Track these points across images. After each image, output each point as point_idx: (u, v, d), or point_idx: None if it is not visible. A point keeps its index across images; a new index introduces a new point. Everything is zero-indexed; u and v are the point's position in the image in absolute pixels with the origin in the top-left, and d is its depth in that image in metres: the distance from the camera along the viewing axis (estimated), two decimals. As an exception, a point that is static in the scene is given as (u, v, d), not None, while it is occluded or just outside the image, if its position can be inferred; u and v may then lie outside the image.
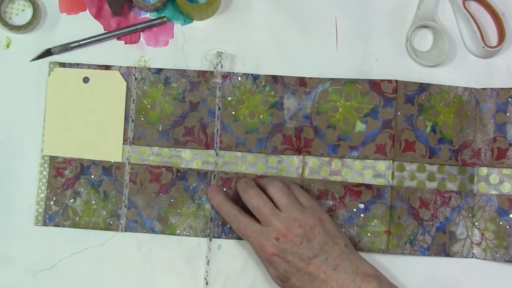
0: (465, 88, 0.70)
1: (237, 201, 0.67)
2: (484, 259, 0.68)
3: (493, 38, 0.71)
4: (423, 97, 0.70)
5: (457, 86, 0.70)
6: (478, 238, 0.68)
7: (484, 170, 0.69)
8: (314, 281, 0.61)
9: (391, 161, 0.69)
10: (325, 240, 0.62)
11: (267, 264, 0.63)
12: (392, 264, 0.68)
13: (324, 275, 0.60)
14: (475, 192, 0.69)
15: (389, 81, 0.70)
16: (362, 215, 0.69)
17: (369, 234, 0.68)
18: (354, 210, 0.69)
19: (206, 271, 0.68)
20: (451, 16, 0.72)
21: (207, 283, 0.68)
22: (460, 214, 0.69)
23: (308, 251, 0.61)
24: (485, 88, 0.70)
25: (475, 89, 0.70)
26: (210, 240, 0.69)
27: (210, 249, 0.69)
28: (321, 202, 0.69)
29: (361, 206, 0.69)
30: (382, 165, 0.69)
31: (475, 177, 0.69)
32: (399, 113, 0.69)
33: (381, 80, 0.70)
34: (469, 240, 0.68)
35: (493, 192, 0.69)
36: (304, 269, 0.61)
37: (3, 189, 0.69)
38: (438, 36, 0.71)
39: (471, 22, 0.70)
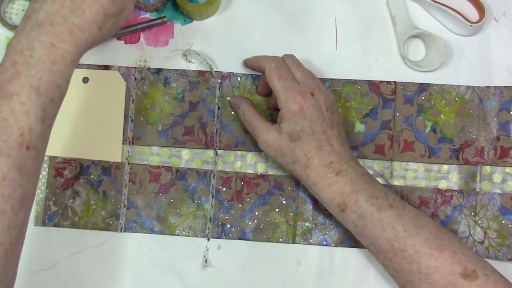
0: (468, 87, 0.69)
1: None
2: (487, 257, 0.67)
3: (472, 14, 0.71)
4: (423, 97, 0.69)
5: (459, 85, 0.69)
6: (480, 237, 0.67)
7: (487, 169, 0.68)
8: (320, 149, 0.61)
9: (389, 161, 0.68)
10: (340, 121, 0.64)
11: (287, 116, 0.62)
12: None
13: (330, 148, 0.61)
14: (477, 190, 0.68)
15: (388, 82, 0.69)
16: (362, 214, 0.68)
17: (369, 234, 0.68)
18: (355, 209, 0.68)
19: (205, 271, 0.68)
20: (427, 16, 0.72)
21: (206, 283, 0.68)
22: (462, 212, 0.68)
23: (331, 118, 0.62)
24: (488, 86, 0.69)
25: (478, 87, 0.69)
26: (208, 240, 0.69)
27: (208, 249, 0.68)
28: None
29: (362, 205, 0.68)
30: (381, 165, 0.69)
31: (478, 175, 0.68)
32: (397, 114, 0.69)
33: (380, 81, 0.70)
34: (471, 238, 0.67)
35: (496, 190, 0.68)
36: (318, 133, 0.61)
37: (3, 189, 0.69)
38: (429, 40, 0.70)
39: (447, 10, 0.70)
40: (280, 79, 0.63)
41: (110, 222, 0.69)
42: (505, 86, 0.69)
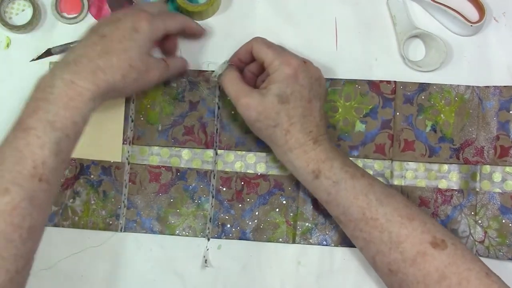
0: (467, 87, 0.69)
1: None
2: (487, 256, 0.67)
3: (472, 14, 0.71)
4: (423, 97, 0.69)
5: (458, 85, 0.69)
6: (481, 236, 0.67)
7: (487, 168, 0.68)
8: (304, 117, 0.62)
9: (390, 160, 0.68)
10: (323, 96, 0.65)
11: (279, 79, 0.61)
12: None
13: (313, 118, 0.62)
14: (477, 190, 0.68)
15: (388, 82, 0.70)
16: (362, 214, 0.68)
17: (370, 233, 0.68)
18: (355, 209, 0.68)
19: (205, 271, 0.68)
20: (427, 16, 0.72)
21: (206, 283, 0.68)
22: (462, 212, 0.68)
23: (317, 90, 0.63)
24: (488, 86, 0.69)
25: (478, 87, 0.69)
26: (208, 240, 0.69)
27: (208, 249, 0.68)
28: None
29: (362, 205, 0.68)
30: (381, 164, 0.69)
31: (478, 175, 0.68)
32: (398, 113, 0.69)
33: (380, 81, 0.70)
34: (471, 238, 0.67)
35: (496, 190, 0.68)
36: (305, 101, 0.62)
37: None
38: (429, 40, 0.70)
39: (447, 10, 0.70)
40: (270, 47, 0.63)
41: (110, 222, 0.69)
42: (504, 86, 0.69)
